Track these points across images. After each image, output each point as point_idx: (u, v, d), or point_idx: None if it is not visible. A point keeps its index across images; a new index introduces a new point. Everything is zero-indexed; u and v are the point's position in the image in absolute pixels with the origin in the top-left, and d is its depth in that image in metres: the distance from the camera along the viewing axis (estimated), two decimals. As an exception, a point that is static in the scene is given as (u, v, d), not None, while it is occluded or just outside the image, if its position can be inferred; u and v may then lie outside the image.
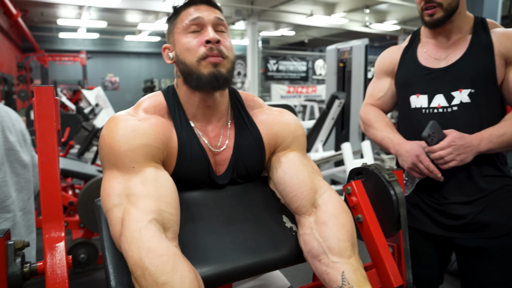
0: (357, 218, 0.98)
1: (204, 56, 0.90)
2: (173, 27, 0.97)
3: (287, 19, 10.87)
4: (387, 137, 1.33)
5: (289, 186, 0.96)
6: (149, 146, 0.86)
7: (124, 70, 15.69)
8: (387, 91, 1.42)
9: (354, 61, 4.68)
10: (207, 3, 0.96)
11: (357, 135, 4.67)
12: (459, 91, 1.22)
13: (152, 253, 0.72)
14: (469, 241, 1.23)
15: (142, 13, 11.25)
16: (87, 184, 2.43)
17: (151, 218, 0.77)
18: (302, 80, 12.87)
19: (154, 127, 0.89)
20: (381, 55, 1.48)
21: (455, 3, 1.21)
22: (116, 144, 0.84)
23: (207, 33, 0.91)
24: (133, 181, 0.82)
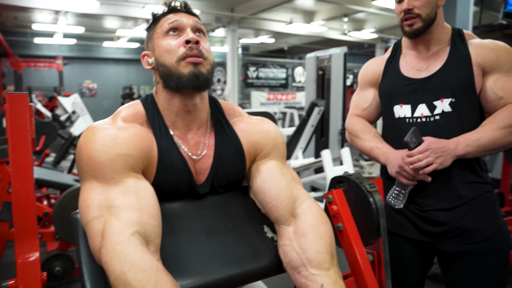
0: (337, 227, 0.98)
1: (183, 56, 0.90)
2: (152, 33, 0.97)
3: (267, 27, 10.95)
4: (376, 147, 1.35)
5: (268, 196, 0.95)
6: (129, 156, 0.84)
7: (102, 76, 15.42)
8: (372, 102, 1.45)
9: (333, 69, 4.74)
10: (185, 11, 0.98)
11: (336, 142, 4.72)
12: (441, 101, 1.26)
13: (135, 268, 0.71)
14: (451, 246, 1.26)
15: (120, 19, 11.11)
16: (64, 194, 2.36)
17: (134, 230, 0.76)
18: (281, 87, 12.95)
19: (133, 136, 0.87)
20: (365, 66, 1.50)
21: (433, 14, 1.26)
22: (95, 154, 0.82)
23: (187, 34, 0.92)
24: (114, 192, 0.80)
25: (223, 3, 9.49)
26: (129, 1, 8.45)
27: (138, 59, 12.57)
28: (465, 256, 1.25)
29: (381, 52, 14.39)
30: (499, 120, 1.20)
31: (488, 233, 1.23)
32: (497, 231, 1.24)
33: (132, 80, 15.82)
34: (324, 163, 3.46)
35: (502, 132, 1.18)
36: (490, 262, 1.24)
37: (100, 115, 11.86)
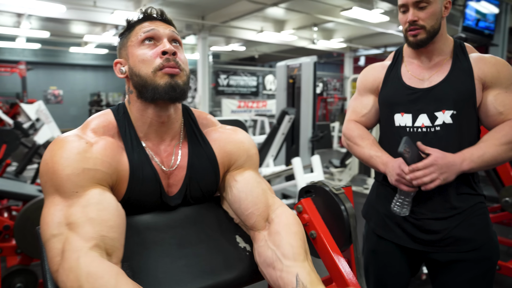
0: (311, 234, 1.00)
1: (160, 66, 0.88)
2: (126, 41, 0.94)
3: (238, 35, 11.00)
4: (375, 156, 1.33)
5: (245, 204, 0.95)
6: (95, 171, 0.81)
7: (69, 82, 14.96)
8: (371, 109, 1.44)
9: (303, 78, 4.81)
10: (161, 19, 0.95)
11: (307, 150, 4.78)
12: (442, 112, 1.27)
13: (92, 277, 0.68)
14: (442, 255, 1.29)
15: (88, 25, 10.86)
16: (26, 205, 2.26)
17: (92, 245, 0.73)
18: (252, 95, 13.01)
19: (102, 151, 0.84)
20: (364, 72, 1.50)
21: (437, 26, 1.27)
22: (59, 167, 0.79)
23: (163, 44, 0.90)
24: (75, 206, 0.77)
25: (194, 11, 9.47)
26: (97, 6, 8.27)
27: (107, 66, 12.34)
28: (455, 264, 1.28)
29: (350, 62, 14.75)
30: (501, 136, 1.21)
31: (479, 242, 1.26)
32: (488, 241, 1.27)
33: (100, 87, 15.44)
34: (294, 170, 3.50)
35: (504, 148, 1.20)
36: (479, 271, 1.27)
37: (66, 122, 11.59)
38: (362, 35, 11.58)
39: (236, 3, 8.60)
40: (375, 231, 1.43)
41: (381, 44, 13.00)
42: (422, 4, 1.24)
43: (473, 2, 5.38)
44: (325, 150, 9.50)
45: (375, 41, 12.48)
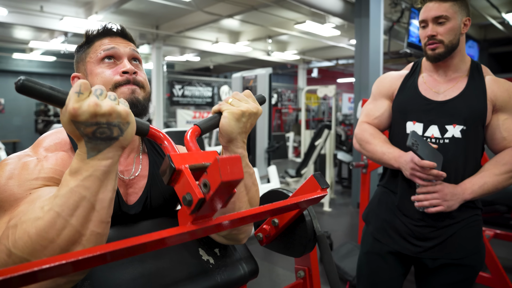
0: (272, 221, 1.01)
1: (119, 83, 0.88)
2: (84, 56, 0.93)
3: (193, 45, 10.96)
4: (388, 152, 1.37)
5: None
6: (51, 178, 0.78)
7: (12, 91, 14.02)
8: (384, 112, 1.49)
9: (259, 89, 4.89)
10: (122, 35, 0.95)
11: (263, 160, 4.83)
12: (453, 126, 1.32)
13: (25, 215, 0.62)
14: (432, 260, 1.37)
15: (34, 30, 10.33)
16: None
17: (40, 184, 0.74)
18: (208, 105, 12.96)
19: (56, 161, 0.81)
20: (381, 78, 1.55)
21: (455, 41, 1.33)
22: (9, 182, 0.73)
23: (123, 64, 0.90)
24: (23, 203, 0.71)
25: (148, 20, 9.32)
26: (44, 11, 7.91)
27: (54, 74, 11.74)
28: (442, 269, 1.35)
29: (303, 73, 15.15)
30: (501, 165, 1.29)
31: (468, 252, 1.34)
32: (476, 251, 1.35)
33: (47, 95, 14.67)
34: (252, 181, 3.53)
35: (504, 177, 1.28)
36: (462, 276, 1.34)
37: (9, 133, 10.86)
38: (315, 47, 11.95)
39: (191, 13, 8.59)
40: (372, 234, 1.49)
41: (333, 57, 13.49)
42: (441, 19, 1.30)
43: (415, 21, 5.76)
44: (281, 160, 9.64)
45: (327, 53, 12.93)
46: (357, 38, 5.15)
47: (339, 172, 6.93)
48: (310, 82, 16.00)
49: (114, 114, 0.59)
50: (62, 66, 14.38)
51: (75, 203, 0.60)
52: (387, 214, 1.44)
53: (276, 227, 1.01)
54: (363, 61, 5.04)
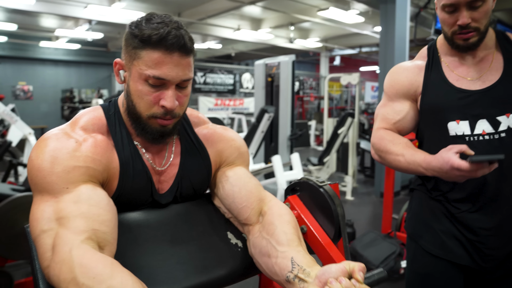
0: (301, 229, 1.01)
1: (156, 116, 0.86)
2: (134, 53, 0.83)
3: (214, 33, 10.94)
4: (412, 161, 1.12)
5: (238, 198, 0.96)
6: (86, 168, 0.80)
7: (39, 78, 14.43)
8: (405, 115, 1.24)
9: (282, 76, 4.85)
10: (181, 49, 0.83)
11: (286, 148, 4.82)
12: (506, 116, 1.10)
13: (86, 268, 0.67)
14: (495, 271, 1.18)
15: (59, 18, 10.51)
16: (0, 205, 2.18)
17: (84, 238, 0.72)
18: (229, 93, 13.00)
19: (92, 149, 0.83)
20: (394, 75, 1.28)
21: (488, 23, 1.11)
22: (48, 166, 0.77)
23: (167, 97, 0.84)
24: (65, 202, 0.76)
25: (170, 7, 9.35)
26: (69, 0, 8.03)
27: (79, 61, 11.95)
28: (506, 279, 1.18)
29: (326, 61, 14.94)
30: None
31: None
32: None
33: (73, 83, 14.99)
34: (274, 168, 3.53)
35: None
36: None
37: (37, 119, 11.20)
38: (337, 35, 11.74)
39: (213, 0, 8.55)
40: (428, 250, 1.23)
41: (356, 45, 13.23)
42: (478, 3, 1.06)
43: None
44: (303, 148, 9.60)
45: (350, 41, 12.69)
46: (382, 25, 5.02)
47: (362, 161, 6.86)
48: (332, 70, 15.78)
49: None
50: (87, 54, 14.63)
51: None
52: (444, 225, 1.20)
53: (305, 233, 1.01)
54: (388, 48, 4.92)
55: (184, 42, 0.82)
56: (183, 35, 0.82)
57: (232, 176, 1.00)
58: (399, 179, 5.16)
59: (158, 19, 0.82)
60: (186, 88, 0.89)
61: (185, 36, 0.83)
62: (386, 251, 2.80)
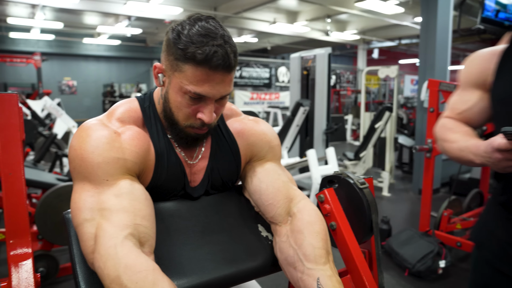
0: (331, 225, 1.00)
1: (193, 126, 0.88)
2: (175, 64, 0.81)
3: (250, 26, 10.95)
4: (464, 147, 1.02)
5: (265, 195, 0.95)
6: (125, 160, 0.82)
7: (82, 73, 15.10)
8: (473, 106, 1.13)
9: (317, 69, 4.78)
10: (225, 68, 0.80)
11: (321, 142, 4.76)
12: None
13: (130, 270, 0.69)
14: None
15: (101, 15, 10.90)
16: (46, 193, 2.31)
17: (127, 233, 0.74)
18: (265, 86, 12.99)
19: (130, 141, 0.85)
20: (468, 62, 1.18)
21: None
22: (90, 155, 0.79)
23: (205, 111, 0.85)
24: (107, 194, 0.78)
25: (206, 2, 9.44)
26: (110, -3, 8.30)
27: (119, 57, 12.33)
28: None
29: (363, 54, 14.59)
30: None
31: None
32: None
33: (113, 77, 15.55)
34: (309, 162, 3.49)
35: None
36: None
37: (80, 113, 11.70)
38: (376, 26, 11.41)
39: (249, -6, 8.55)
40: (490, 262, 1.11)
41: (395, 36, 12.81)
42: None
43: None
44: (339, 142, 9.46)
45: (389, 33, 12.30)
46: (423, 15, 4.82)
47: (400, 156, 6.66)
48: (370, 64, 15.37)
49: None
50: (126, 49, 15.10)
51: None
52: (510, 234, 1.06)
53: (334, 230, 0.99)
54: (429, 40, 4.72)
55: (229, 62, 0.80)
56: (228, 54, 0.79)
57: (261, 171, 0.99)
58: (438, 176, 4.97)
59: (202, 30, 0.79)
60: (224, 99, 0.88)
61: (230, 54, 0.80)
62: (423, 249, 2.71)
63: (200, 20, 0.81)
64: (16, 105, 0.84)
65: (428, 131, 2.90)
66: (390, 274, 2.74)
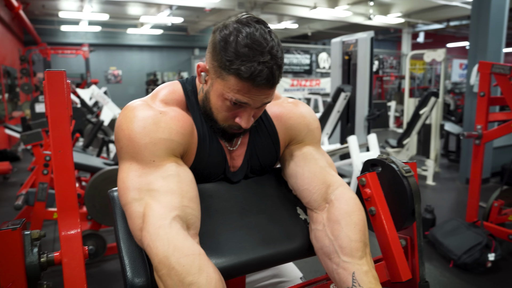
0: (370, 210, 0.97)
1: (231, 127, 0.89)
2: (219, 71, 0.81)
3: (290, 12, 10.79)
4: None
5: (301, 180, 0.95)
6: (170, 141, 0.83)
7: (127, 63, 15.63)
8: None
9: (359, 54, 4.64)
10: (269, 85, 0.80)
11: (362, 129, 4.65)
12: None
13: (179, 252, 0.71)
14: None
15: (144, 6, 11.18)
16: (94, 176, 2.43)
17: (175, 215, 0.76)
18: (305, 73, 12.81)
19: (175, 121, 0.85)
20: None
21: None
22: (137, 136, 0.81)
23: (243, 117, 0.85)
24: (154, 175, 0.80)
25: (246, -12, 9.40)
26: (153, -13, 8.47)
27: (162, 46, 12.62)
28: None
29: (408, 38, 14.00)
30: None
31: None
32: None
33: (156, 66, 15.97)
34: (350, 149, 3.42)
35: None
36: None
37: (125, 101, 12.03)
38: (422, 8, 10.88)
39: (290, -22, 8.41)
40: None
41: (443, 18, 12.14)
42: None
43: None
44: (381, 129, 9.19)
45: (436, 14, 11.67)
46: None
47: (446, 144, 6.37)
48: (415, 48, 14.72)
49: None
50: (168, 39, 15.41)
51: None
52: None
53: (373, 216, 0.97)
54: (482, 20, 4.43)
55: (273, 81, 0.79)
56: (273, 72, 0.78)
57: (298, 155, 0.98)
58: (489, 165, 4.71)
59: (249, 41, 0.76)
60: (264, 105, 0.87)
61: (276, 72, 0.79)
62: (470, 241, 2.59)
63: (248, 26, 0.78)
64: (63, 82, 0.86)
65: (478, 117, 2.74)
66: (433, 265, 2.65)
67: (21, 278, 0.68)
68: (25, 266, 0.71)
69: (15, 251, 0.68)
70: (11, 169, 4.75)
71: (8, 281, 0.66)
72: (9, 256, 0.67)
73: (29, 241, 0.72)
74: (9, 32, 9.01)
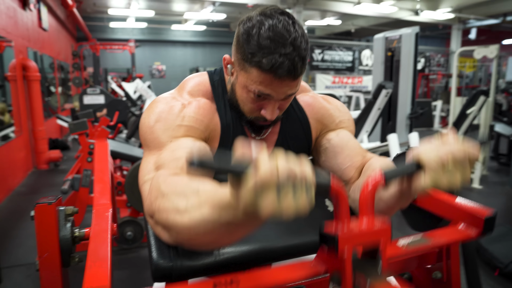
0: None
1: (258, 119, 0.90)
2: (242, 64, 0.82)
3: (334, 8, 10.61)
4: None
5: (341, 158, 0.94)
6: (189, 127, 0.86)
7: (170, 58, 16.06)
8: None
9: (403, 50, 4.49)
10: (292, 76, 0.79)
11: (404, 127, 4.50)
12: None
13: (169, 181, 0.68)
14: None
15: (188, 2, 11.42)
16: (134, 165, 2.51)
17: (178, 172, 0.74)
18: (347, 70, 12.56)
19: (197, 110, 0.88)
20: None
21: None
22: (156, 124, 0.84)
23: (268, 109, 0.85)
24: (166, 150, 0.81)
25: (289, -16, 9.35)
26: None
27: (204, 42, 12.85)
28: None
29: (458, 34, 13.33)
30: None
31: None
32: None
33: (199, 62, 16.28)
34: (390, 147, 3.32)
35: None
36: None
37: (168, 96, 12.29)
38: (474, 2, 10.32)
39: (333, -27, 8.26)
40: None
41: (499, 13, 11.44)
42: None
43: None
44: (424, 129, 8.84)
45: (491, 9, 11.03)
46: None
47: (496, 146, 6.02)
48: (465, 44, 14.01)
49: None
50: (211, 35, 15.65)
51: (208, 230, 0.60)
52: None
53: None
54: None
55: (294, 72, 0.78)
56: (295, 64, 0.77)
57: (334, 137, 0.98)
58: (543, 169, 4.41)
59: (272, 33, 0.76)
60: (290, 97, 0.86)
61: (298, 63, 0.77)
62: (518, 248, 2.44)
63: (272, 18, 0.78)
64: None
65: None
66: (475, 271, 2.52)
67: (55, 250, 0.72)
68: (59, 239, 0.75)
69: (50, 224, 0.72)
70: (61, 157, 5.07)
71: (44, 252, 0.71)
72: (45, 228, 0.72)
73: (63, 216, 0.77)
74: (63, 29, 9.54)
